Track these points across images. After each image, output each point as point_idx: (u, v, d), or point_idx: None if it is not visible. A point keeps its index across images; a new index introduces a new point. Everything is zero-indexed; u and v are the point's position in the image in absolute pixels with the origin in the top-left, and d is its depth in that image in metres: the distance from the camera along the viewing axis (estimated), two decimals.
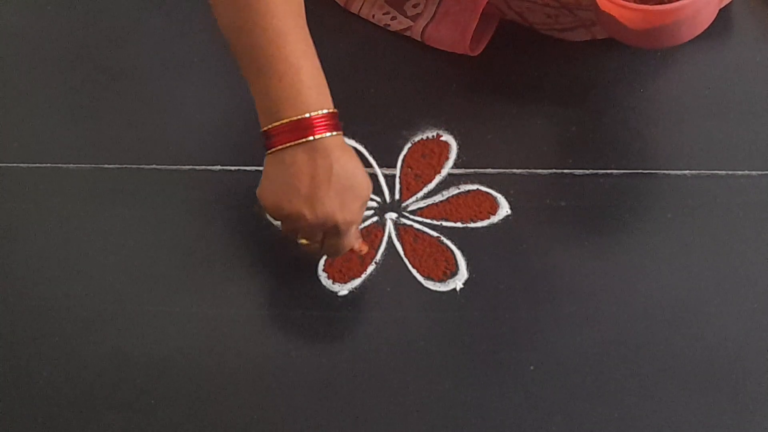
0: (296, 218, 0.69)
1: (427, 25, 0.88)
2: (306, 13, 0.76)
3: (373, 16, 0.91)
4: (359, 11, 0.92)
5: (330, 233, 0.71)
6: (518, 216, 0.80)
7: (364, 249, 0.76)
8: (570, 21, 0.86)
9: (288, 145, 0.68)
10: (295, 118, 0.68)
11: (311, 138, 0.68)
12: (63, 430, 0.72)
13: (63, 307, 0.77)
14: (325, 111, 0.68)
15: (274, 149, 0.69)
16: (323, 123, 0.68)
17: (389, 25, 0.90)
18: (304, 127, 0.68)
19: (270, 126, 0.68)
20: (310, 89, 0.68)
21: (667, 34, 0.77)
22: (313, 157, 0.68)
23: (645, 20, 0.75)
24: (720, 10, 0.89)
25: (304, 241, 0.72)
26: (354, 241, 0.74)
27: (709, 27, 0.79)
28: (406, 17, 0.90)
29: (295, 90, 0.68)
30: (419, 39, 0.89)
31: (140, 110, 0.88)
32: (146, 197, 0.82)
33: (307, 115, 0.68)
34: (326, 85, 0.70)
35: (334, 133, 0.69)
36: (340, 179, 0.69)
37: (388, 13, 0.90)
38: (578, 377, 0.73)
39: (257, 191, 0.72)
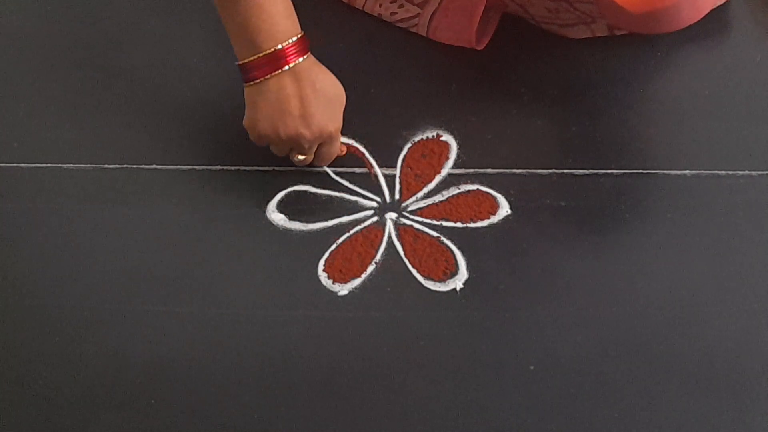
0: (295, 138, 0.76)
1: (434, 13, 0.88)
2: (305, 13, 0.76)
3: (380, 5, 0.91)
4: (363, 6, 0.92)
5: (324, 142, 0.78)
6: (518, 216, 0.80)
7: (344, 150, 0.83)
8: (570, 17, 0.86)
9: (268, 77, 0.75)
10: (269, 50, 0.74)
11: (286, 67, 0.74)
12: (63, 430, 0.72)
13: (63, 307, 0.77)
14: (295, 38, 0.75)
15: (253, 82, 0.75)
16: (294, 51, 0.74)
17: (396, 13, 0.90)
18: (279, 58, 0.74)
19: (248, 60, 0.75)
20: (284, 18, 0.74)
21: (668, 17, 0.77)
22: (297, 80, 0.75)
23: (646, 3, 0.75)
24: (719, 9, 0.89)
25: (300, 157, 0.79)
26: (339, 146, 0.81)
27: (708, 27, 0.79)
28: (414, 5, 0.89)
29: (272, 20, 0.74)
30: (424, 33, 0.89)
31: (140, 110, 0.88)
32: (146, 197, 0.82)
33: (280, 46, 0.74)
34: (293, 7, 0.76)
35: (305, 57, 0.75)
36: (324, 93, 0.76)
37: (395, 1, 0.90)
38: (578, 377, 0.73)
39: (245, 122, 0.78)
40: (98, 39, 0.93)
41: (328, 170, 0.83)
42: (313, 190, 0.82)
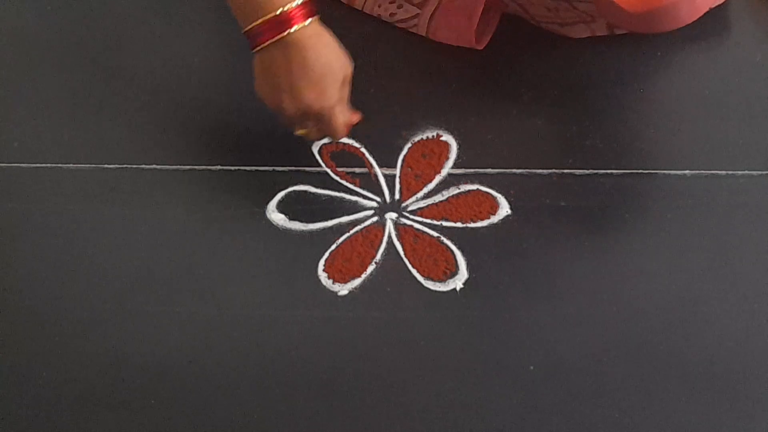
0: (282, 110, 0.75)
1: (433, 13, 0.88)
2: None
3: (379, 5, 0.91)
4: (363, 6, 0.92)
5: (317, 119, 0.77)
6: (518, 216, 0.80)
7: (356, 118, 0.80)
8: (570, 16, 0.86)
9: (269, 42, 0.73)
10: (271, 15, 0.72)
11: (288, 31, 0.72)
12: (63, 430, 0.72)
13: (63, 307, 0.77)
14: (300, 1, 0.72)
15: (257, 48, 0.74)
16: (299, 13, 0.72)
17: (395, 14, 0.90)
18: (282, 22, 0.72)
19: (251, 26, 0.73)
20: None
21: (666, 16, 0.77)
22: (287, 54, 0.73)
23: (644, 2, 0.75)
24: (718, 9, 0.89)
25: (301, 131, 0.79)
26: (347, 118, 0.78)
27: (708, 27, 0.79)
28: (413, 5, 0.89)
29: None
30: (424, 33, 0.89)
31: (140, 110, 0.88)
32: (146, 197, 0.82)
33: (284, 8, 0.72)
34: None
35: (310, 20, 0.73)
36: (315, 68, 0.74)
37: (394, 1, 0.90)
38: (578, 377, 0.73)
39: (255, 87, 0.77)
40: (98, 39, 0.93)
41: (328, 170, 0.83)
42: (313, 190, 0.82)
